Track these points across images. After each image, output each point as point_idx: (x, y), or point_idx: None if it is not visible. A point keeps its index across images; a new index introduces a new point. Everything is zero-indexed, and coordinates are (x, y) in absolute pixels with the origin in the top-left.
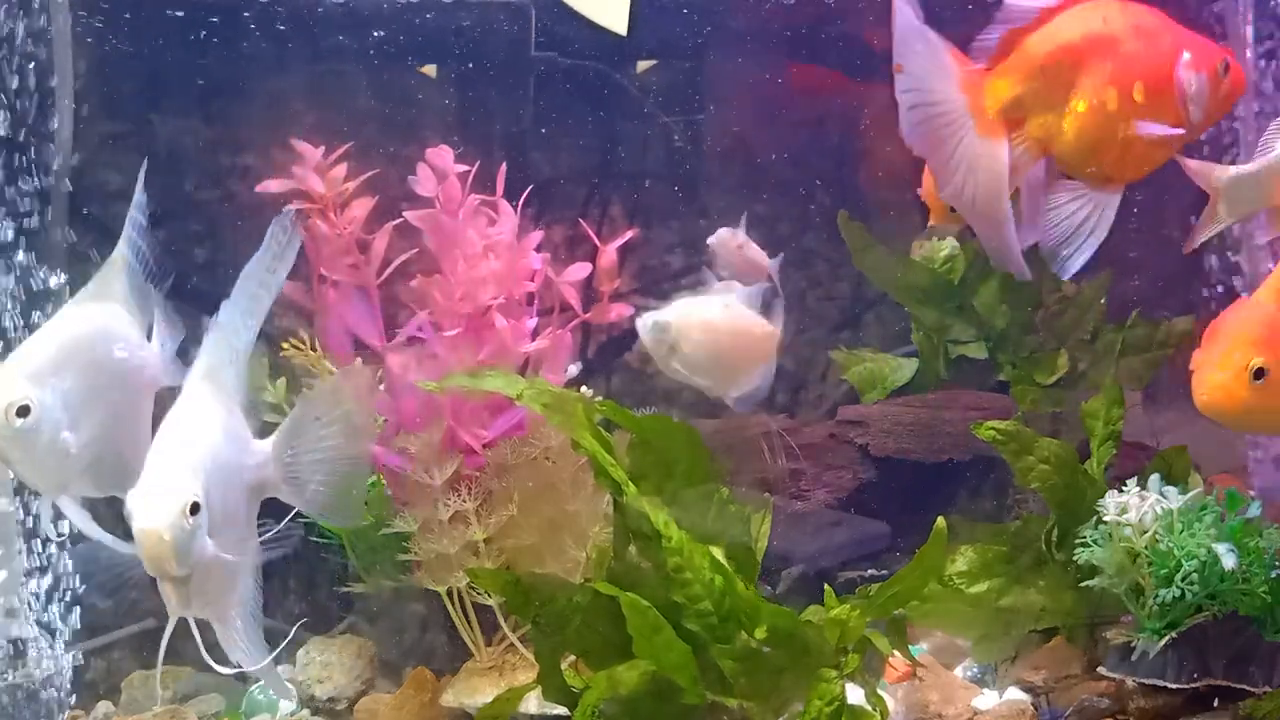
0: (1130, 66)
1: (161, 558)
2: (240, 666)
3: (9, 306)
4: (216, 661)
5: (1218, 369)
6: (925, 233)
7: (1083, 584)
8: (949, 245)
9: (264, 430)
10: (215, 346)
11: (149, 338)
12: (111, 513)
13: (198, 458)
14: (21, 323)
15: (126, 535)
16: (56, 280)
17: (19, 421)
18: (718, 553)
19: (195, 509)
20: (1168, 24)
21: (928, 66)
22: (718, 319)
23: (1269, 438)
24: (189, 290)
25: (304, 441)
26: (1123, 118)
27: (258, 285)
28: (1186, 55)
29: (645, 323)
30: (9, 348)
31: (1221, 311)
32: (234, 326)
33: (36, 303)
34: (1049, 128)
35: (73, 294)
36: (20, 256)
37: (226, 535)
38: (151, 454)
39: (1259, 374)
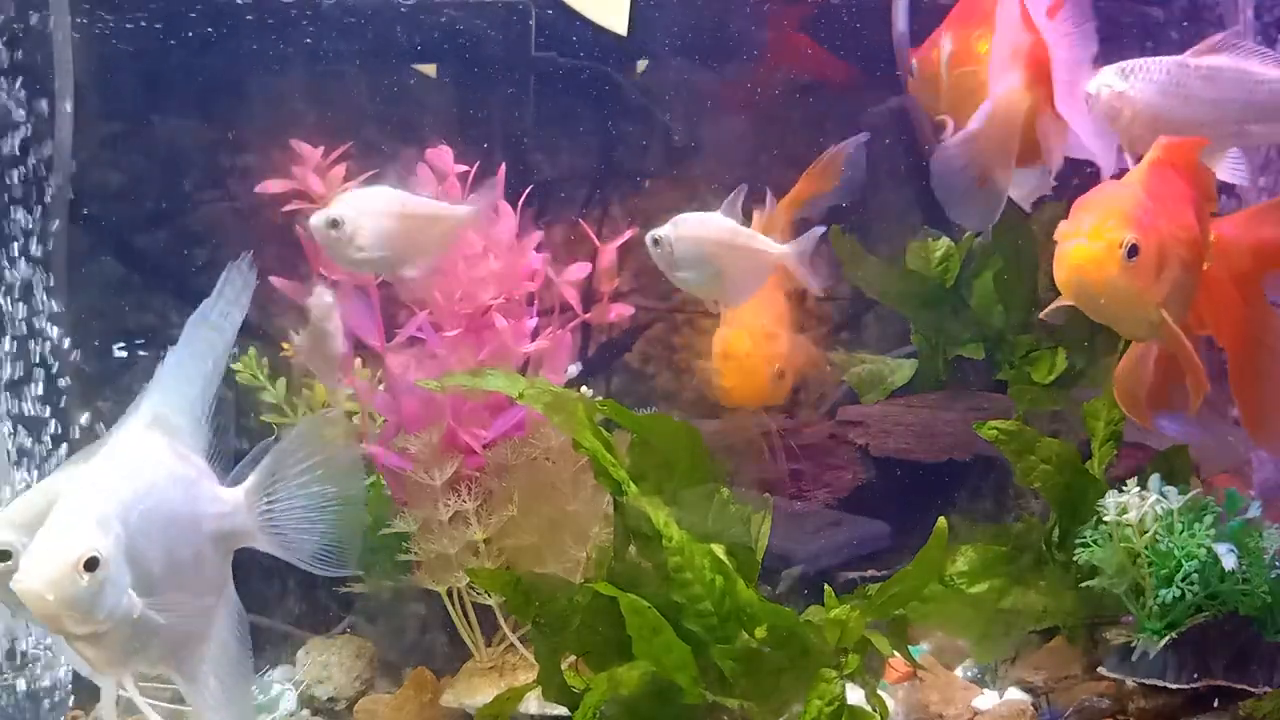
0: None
1: (54, 618)
2: None
3: None
4: None
5: (1089, 239)
6: None
7: (1083, 584)
8: (944, 245)
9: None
10: (163, 392)
11: None
12: None
13: (111, 507)
14: None
15: None
16: None
17: None
18: (718, 553)
19: (93, 564)
20: None
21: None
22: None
23: None
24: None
25: (281, 487)
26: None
27: (210, 331)
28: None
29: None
30: None
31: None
32: (185, 374)
33: None
34: None
35: None
36: None
37: (179, 589)
38: (58, 503)
39: (1133, 251)
